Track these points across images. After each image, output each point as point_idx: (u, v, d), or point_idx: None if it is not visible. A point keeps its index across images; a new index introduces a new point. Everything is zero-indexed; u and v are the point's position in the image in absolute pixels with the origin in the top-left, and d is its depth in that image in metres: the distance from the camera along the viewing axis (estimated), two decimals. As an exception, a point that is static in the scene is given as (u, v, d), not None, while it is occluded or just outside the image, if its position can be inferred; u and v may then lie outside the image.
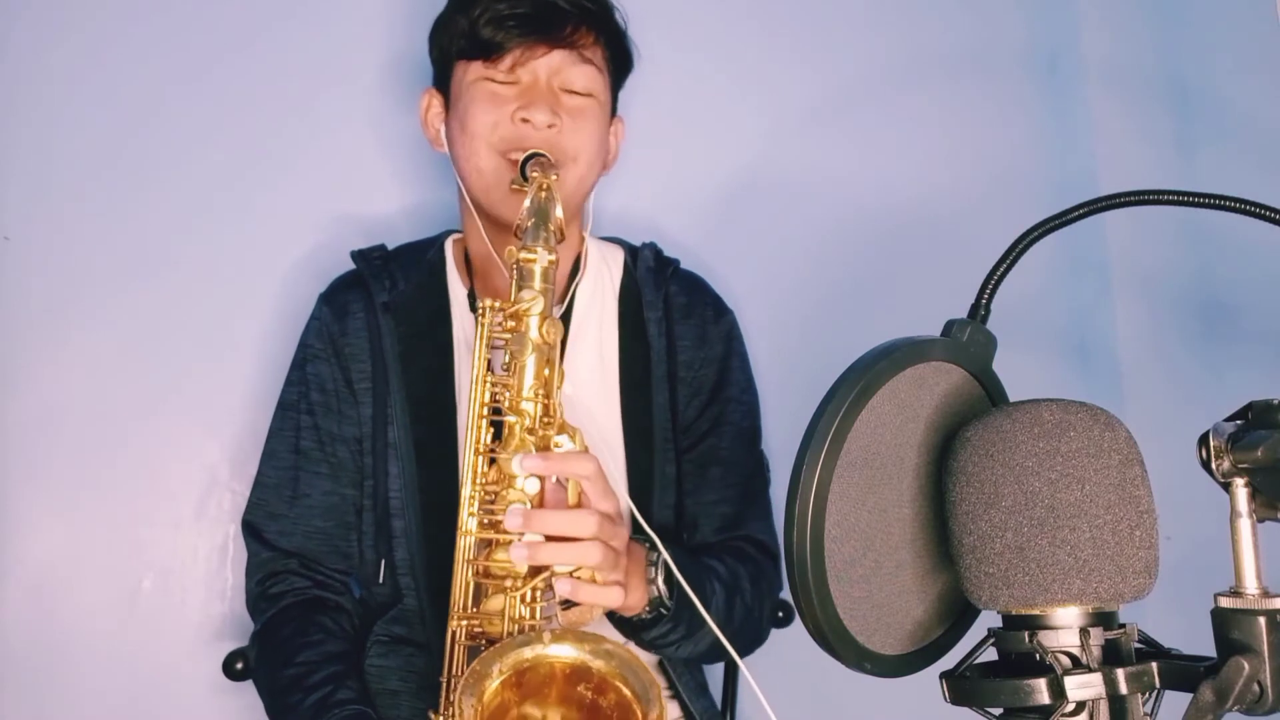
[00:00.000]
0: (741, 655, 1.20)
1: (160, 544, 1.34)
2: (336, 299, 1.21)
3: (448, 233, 1.26)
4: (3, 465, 1.31)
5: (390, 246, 1.27)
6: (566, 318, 1.19)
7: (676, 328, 1.22)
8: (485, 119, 1.11)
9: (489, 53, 1.11)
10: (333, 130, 1.45)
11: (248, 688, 1.23)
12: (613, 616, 1.03)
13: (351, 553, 1.16)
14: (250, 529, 1.17)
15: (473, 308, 1.18)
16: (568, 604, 0.95)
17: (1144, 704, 0.56)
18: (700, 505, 1.20)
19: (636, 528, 0.96)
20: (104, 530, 1.33)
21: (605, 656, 0.88)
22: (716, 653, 1.12)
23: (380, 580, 1.13)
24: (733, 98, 1.61)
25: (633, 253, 1.27)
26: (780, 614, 1.31)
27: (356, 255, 1.24)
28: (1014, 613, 0.57)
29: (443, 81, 1.19)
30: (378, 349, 1.16)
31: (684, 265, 1.30)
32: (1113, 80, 1.78)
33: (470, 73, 1.14)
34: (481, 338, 1.00)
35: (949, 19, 1.73)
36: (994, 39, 1.76)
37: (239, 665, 1.25)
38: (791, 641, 1.19)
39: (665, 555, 0.96)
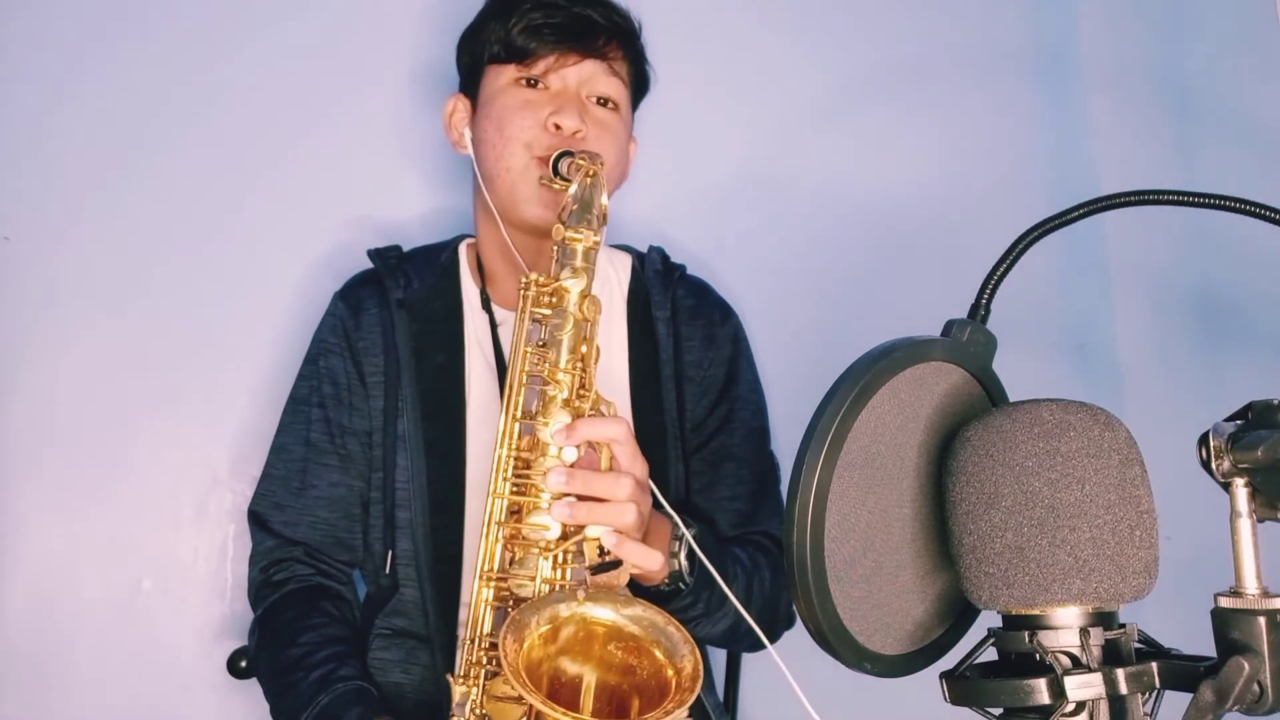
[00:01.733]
0: (754, 647, 1.21)
1: (160, 544, 1.34)
2: (352, 295, 1.24)
3: (461, 237, 1.28)
4: (3, 465, 1.31)
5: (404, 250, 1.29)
6: None
7: (683, 328, 1.24)
8: (520, 123, 1.14)
9: (523, 57, 1.15)
10: (348, 135, 1.45)
11: (248, 687, 1.23)
12: (631, 586, 1.04)
13: (355, 545, 1.18)
14: (256, 518, 1.19)
15: (485, 308, 1.20)
16: (597, 569, 0.96)
17: (1144, 704, 0.56)
18: (714, 502, 1.21)
19: (658, 506, 0.98)
20: (104, 530, 1.33)
21: (637, 616, 0.90)
22: (730, 637, 1.13)
23: (387, 571, 1.15)
24: (732, 100, 1.61)
25: (640, 257, 1.29)
26: (789, 615, 1.31)
27: (373, 254, 1.26)
28: (1014, 613, 0.57)
29: (470, 86, 1.22)
30: (391, 344, 1.19)
31: (686, 267, 1.31)
32: (1113, 80, 1.78)
33: (502, 77, 1.17)
34: (522, 311, 1.01)
35: (949, 19, 1.73)
36: (994, 39, 1.76)
37: (243, 663, 1.25)
38: (789, 640, 1.19)
39: (688, 535, 0.98)
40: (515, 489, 0.97)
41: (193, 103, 1.41)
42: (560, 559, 0.95)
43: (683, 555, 1.01)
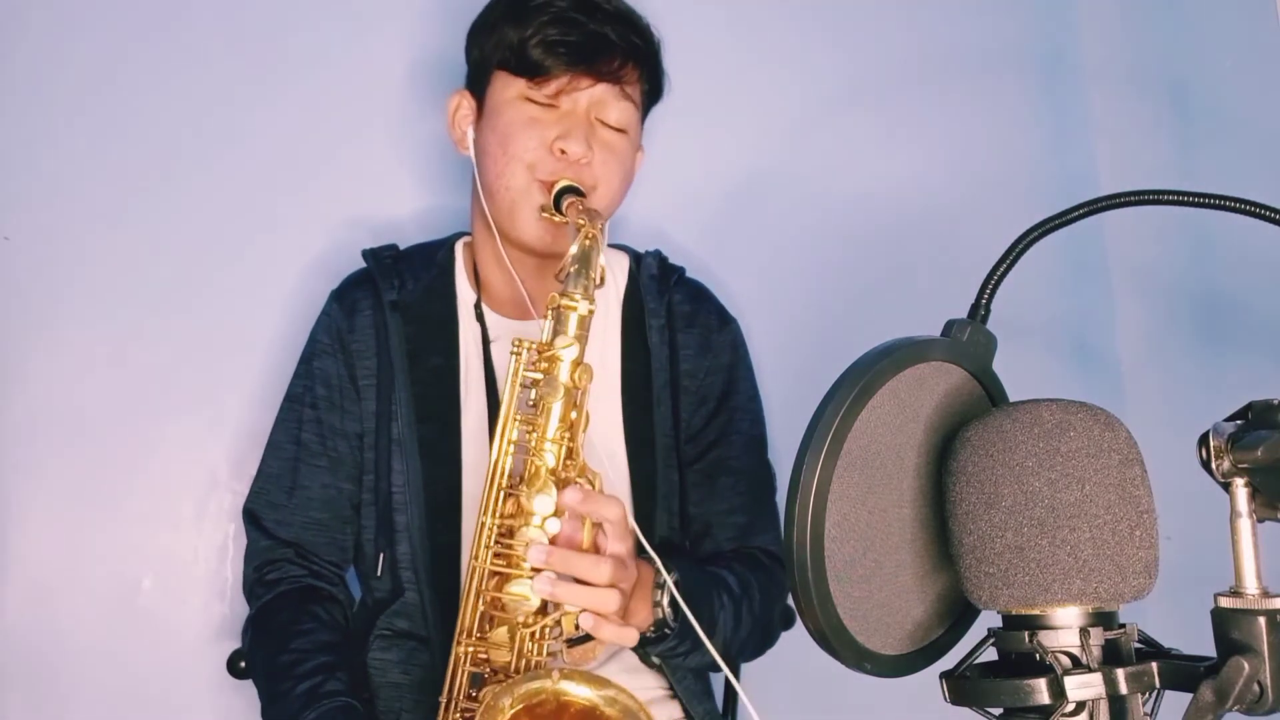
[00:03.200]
0: (751, 658, 1.21)
1: (160, 544, 1.34)
2: (346, 296, 1.23)
3: (458, 235, 1.27)
4: (3, 465, 1.31)
5: (400, 248, 1.28)
6: None
7: (679, 336, 1.23)
8: (525, 142, 1.11)
9: (535, 74, 1.12)
10: (345, 133, 1.45)
11: (248, 687, 1.23)
12: None
13: (347, 545, 1.19)
14: (250, 516, 1.19)
15: (479, 318, 1.19)
16: (572, 641, 0.98)
17: (1144, 704, 0.56)
18: (713, 515, 1.21)
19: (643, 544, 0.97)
20: (104, 530, 1.33)
21: (610, 701, 0.92)
22: (722, 661, 1.13)
23: (379, 574, 1.15)
24: (734, 100, 1.61)
25: (637, 260, 1.27)
26: (787, 617, 1.32)
27: (368, 254, 1.25)
28: (1014, 613, 0.57)
29: (477, 85, 1.19)
30: (384, 346, 1.18)
31: (685, 269, 1.30)
32: (1113, 80, 1.78)
33: (511, 89, 1.14)
34: (514, 375, 1.02)
35: (949, 19, 1.73)
36: (994, 39, 1.76)
37: (243, 663, 1.25)
38: (792, 641, 1.19)
39: (670, 584, 0.97)
40: (496, 556, 0.99)
41: (191, 102, 1.40)
42: (537, 633, 0.97)
43: (665, 601, 1.01)
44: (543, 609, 0.96)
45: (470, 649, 1.00)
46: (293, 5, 1.45)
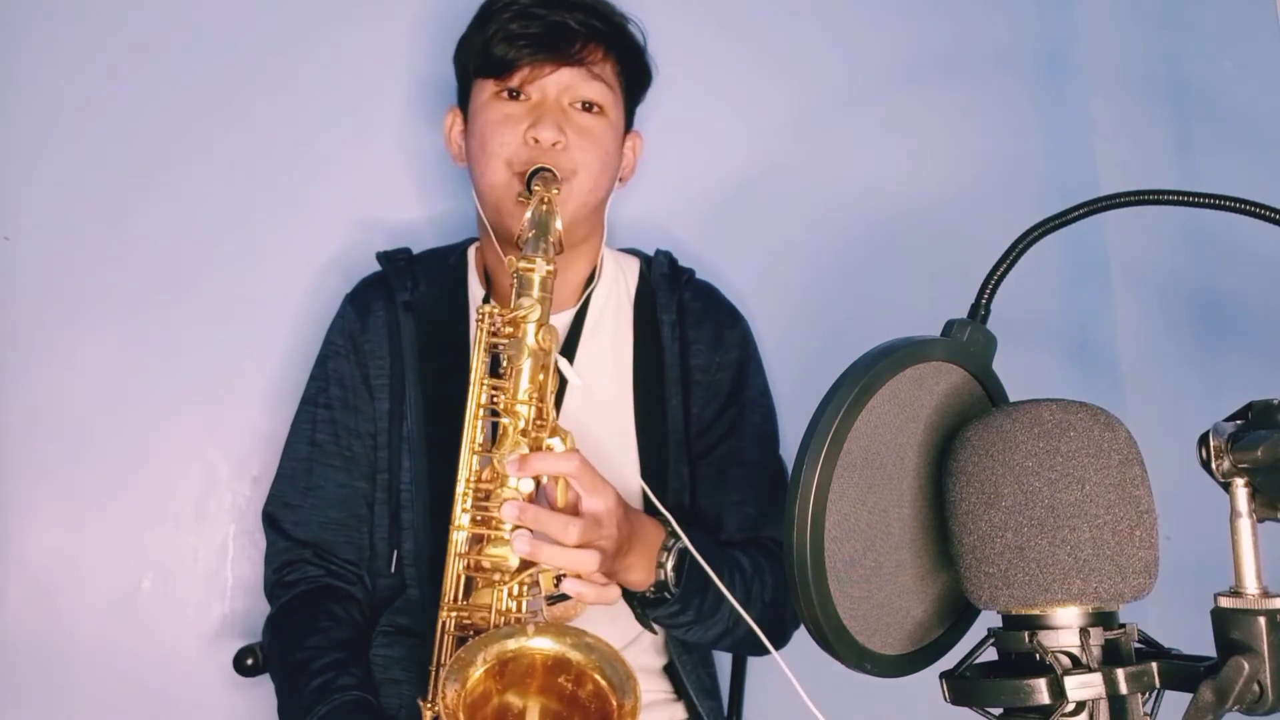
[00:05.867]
0: (758, 649, 1.21)
1: (160, 544, 1.34)
2: (360, 298, 1.25)
3: (470, 240, 1.29)
4: (3, 465, 1.31)
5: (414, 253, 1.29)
6: (580, 321, 1.22)
7: (690, 332, 1.24)
8: (500, 139, 1.14)
9: (500, 70, 1.15)
10: (358, 137, 1.45)
11: (248, 687, 1.24)
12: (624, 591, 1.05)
13: (363, 544, 1.19)
14: (269, 519, 1.20)
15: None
16: (552, 599, 0.98)
17: (1144, 704, 0.56)
18: (724, 506, 1.21)
19: (655, 510, 0.98)
20: (104, 530, 1.33)
21: (585, 649, 0.92)
22: (730, 643, 1.13)
23: (392, 570, 1.16)
24: (736, 100, 1.61)
25: (647, 262, 1.29)
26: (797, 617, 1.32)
27: (382, 256, 1.27)
28: (1014, 613, 0.57)
29: (464, 99, 1.22)
30: (397, 346, 1.20)
31: (695, 271, 1.31)
32: (1113, 80, 1.78)
33: (485, 91, 1.17)
34: (480, 341, 1.03)
35: (950, 19, 1.73)
36: (996, 39, 1.76)
37: (249, 661, 1.25)
38: (792, 641, 1.19)
39: (686, 541, 0.98)
40: (475, 520, 1.00)
41: (196, 106, 1.40)
42: (516, 590, 0.97)
43: (669, 565, 1.01)
44: (523, 567, 0.96)
45: (455, 614, 1.00)
46: (307, 8, 1.45)
